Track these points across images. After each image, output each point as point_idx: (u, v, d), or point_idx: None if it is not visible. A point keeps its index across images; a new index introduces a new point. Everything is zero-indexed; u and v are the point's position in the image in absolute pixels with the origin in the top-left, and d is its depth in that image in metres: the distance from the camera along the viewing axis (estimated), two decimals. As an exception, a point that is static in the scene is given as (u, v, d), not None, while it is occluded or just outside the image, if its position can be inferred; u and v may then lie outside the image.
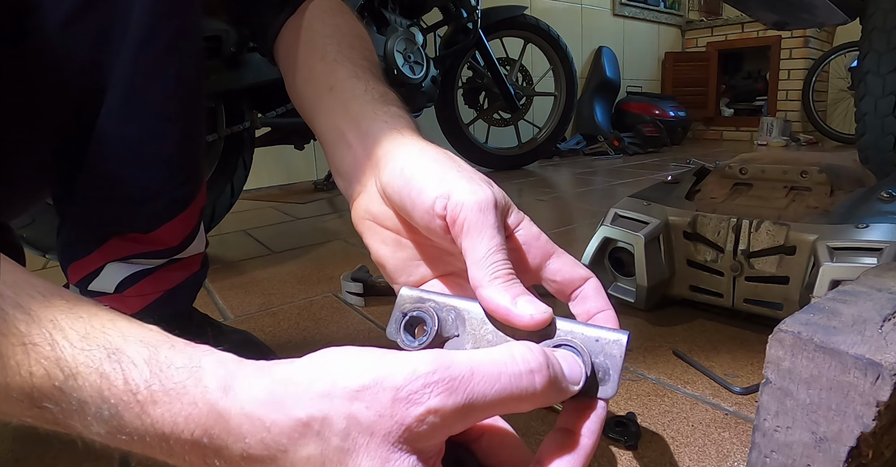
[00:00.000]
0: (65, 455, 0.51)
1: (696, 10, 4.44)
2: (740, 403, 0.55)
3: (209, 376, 0.22)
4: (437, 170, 0.32)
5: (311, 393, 0.21)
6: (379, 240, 0.36)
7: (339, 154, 0.39)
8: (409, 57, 1.77)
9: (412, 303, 0.30)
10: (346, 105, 0.40)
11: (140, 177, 0.50)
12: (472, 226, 0.29)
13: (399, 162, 0.33)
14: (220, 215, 1.34)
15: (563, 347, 0.27)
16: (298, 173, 2.43)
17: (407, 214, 0.32)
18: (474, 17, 2.11)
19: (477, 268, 0.28)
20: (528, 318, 0.27)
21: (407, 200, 0.32)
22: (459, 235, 0.29)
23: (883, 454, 0.30)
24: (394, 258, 0.35)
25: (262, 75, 1.30)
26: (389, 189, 0.33)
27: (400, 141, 0.35)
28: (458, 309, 0.30)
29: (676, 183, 0.87)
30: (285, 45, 0.48)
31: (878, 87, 1.34)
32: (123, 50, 0.45)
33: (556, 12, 3.41)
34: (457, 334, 0.29)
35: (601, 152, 3.11)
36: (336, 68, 0.42)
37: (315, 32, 0.45)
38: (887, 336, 0.30)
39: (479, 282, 0.28)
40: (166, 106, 0.49)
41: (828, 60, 3.64)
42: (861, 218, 0.64)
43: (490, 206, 0.29)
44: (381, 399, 0.21)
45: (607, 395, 0.27)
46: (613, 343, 0.27)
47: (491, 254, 0.28)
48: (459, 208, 0.29)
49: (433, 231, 0.31)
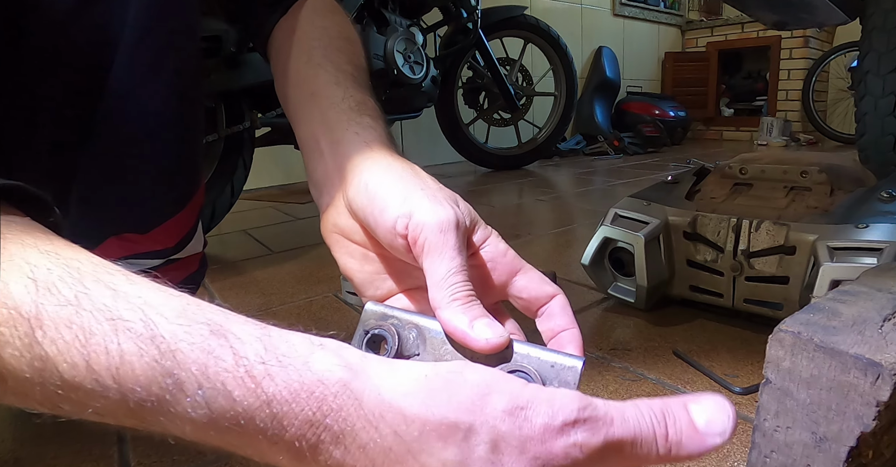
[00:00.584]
0: (65, 455, 0.51)
1: (696, 10, 4.44)
2: (740, 403, 0.55)
3: (334, 356, 0.21)
4: (400, 189, 0.31)
5: (462, 399, 0.21)
6: (346, 254, 0.36)
7: (312, 163, 0.39)
8: (409, 57, 1.77)
9: (375, 320, 0.30)
10: (323, 113, 0.40)
11: (137, 176, 0.50)
12: (432, 247, 0.29)
13: (364, 177, 0.33)
14: (220, 215, 1.34)
15: (517, 373, 0.27)
16: (298, 173, 2.42)
17: (371, 231, 0.33)
18: (474, 17, 2.11)
19: (436, 289, 0.28)
20: (484, 343, 0.27)
21: (370, 218, 0.32)
22: (420, 255, 0.29)
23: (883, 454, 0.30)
24: (361, 271, 0.36)
25: (262, 75, 1.30)
26: (354, 204, 0.33)
27: (367, 155, 0.35)
28: (420, 327, 0.30)
29: (676, 183, 0.87)
30: (276, 45, 0.48)
31: (878, 87, 1.34)
32: (120, 49, 0.45)
33: (556, 12, 3.41)
34: (417, 353, 0.29)
35: (601, 152, 3.11)
36: (319, 73, 0.42)
37: (304, 34, 0.45)
38: (887, 336, 0.30)
39: (438, 303, 0.28)
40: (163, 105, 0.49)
41: (828, 60, 3.64)
42: (861, 218, 0.64)
43: (451, 227, 0.29)
44: (534, 422, 0.21)
45: None
46: (568, 369, 0.27)
47: (450, 276, 0.28)
48: (420, 229, 0.29)
49: (396, 249, 0.31)
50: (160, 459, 0.49)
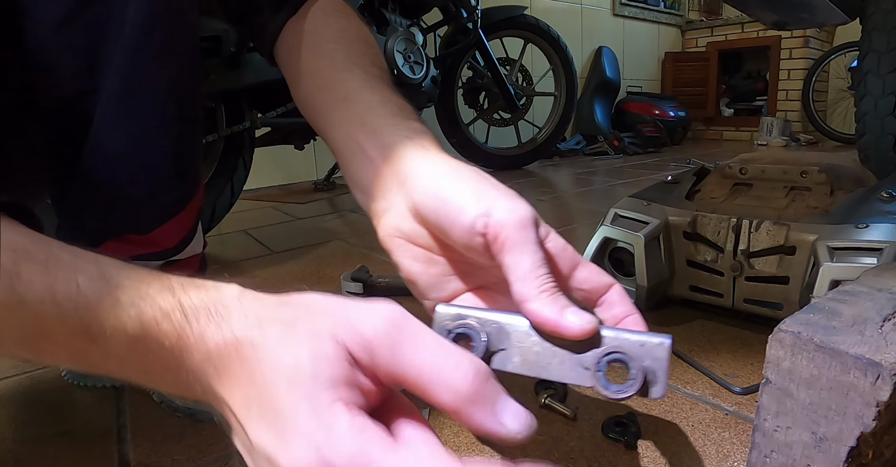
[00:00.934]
0: (65, 455, 0.51)
1: (696, 10, 4.44)
2: (740, 403, 0.55)
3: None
4: (472, 189, 0.32)
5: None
6: (410, 258, 0.36)
7: (357, 167, 0.39)
8: (409, 57, 1.77)
9: (452, 320, 0.31)
10: (362, 117, 0.39)
11: (136, 178, 0.50)
12: (514, 243, 0.30)
13: (432, 181, 0.33)
14: (220, 215, 1.34)
15: (612, 355, 0.28)
16: (298, 173, 2.42)
17: (443, 233, 0.33)
18: (474, 17, 2.11)
19: (522, 283, 0.29)
20: (578, 329, 0.28)
21: (444, 220, 0.32)
22: (501, 252, 0.30)
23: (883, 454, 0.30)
24: (426, 274, 0.36)
25: (262, 75, 1.30)
26: (424, 208, 0.33)
27: (427, 158, 0.35)
28: (500, 323, 0.30)
29: (676, 183, 0.87)
30: (287, 47, 0.47)
31: (878, 87, 1.34)
32: (118, 50, 0.45)
33: (556, 12, 3.41)
34: (503, 348, 0.30)
35: (601, 152, 3.11)
36: (348, 77, 0.42)
37: (320, 37, 0.45)
38: (887, 336, 0.30)
39: (526, 296, 0.29)
40: (162, 106, 0.49)
41: (828, 60, 3.64)
42: (861, 218, 0.64)
43: (530, 222, 0.30)
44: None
45: (657, 396, 0.28)
46: (657, 346, 0.28)
47: (535, 269, 0.29)
48: (501, 226, 0.30)
49: (472, 248, 0.32)
50: (160, 459, 0.49)
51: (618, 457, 0.47)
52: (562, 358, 0.29)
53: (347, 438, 0.22)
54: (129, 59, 0.45)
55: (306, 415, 0.22)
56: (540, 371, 0.30)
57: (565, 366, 0.29)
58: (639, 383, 0.27)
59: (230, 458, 0.49)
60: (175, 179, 0.52)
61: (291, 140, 1.73)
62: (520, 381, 0.59)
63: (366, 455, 0.22)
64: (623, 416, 0.51)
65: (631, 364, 0.28)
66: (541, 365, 0.30)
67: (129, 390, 0.62)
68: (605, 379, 0.28)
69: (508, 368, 0.30)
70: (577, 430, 0.51)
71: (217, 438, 0.52)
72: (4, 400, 0.63)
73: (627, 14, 3.92)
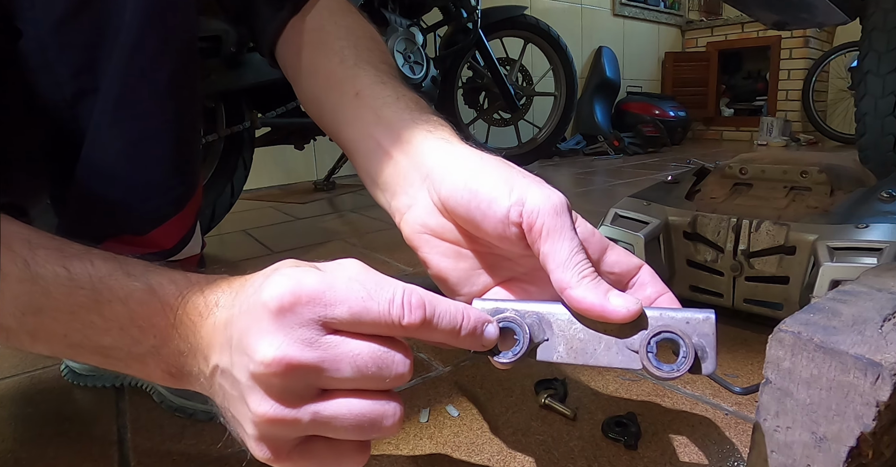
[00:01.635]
0: (65, 455, 0.51)
1: (696, 10, 4.44)
2: (740, 403, 0.55)
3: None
4: (502, 179, 0.32)
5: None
6: (438, 253, 0.35)
7: (374, 164, 0.38)
8: (409, 57, 1.77)
9: (491, 315, 0.30)
10: (377, 112, 0.39)
11: (133, 178, 0.50)
12: (551, 230, 0.30)
13: (459, 173, 0.33)
14: (220, 215, 1.34)
15: (661, 335, 0.28)
16: (298, 173, 2.42)
17: (475, 225, 0.32)
18: (474, 17, 2.11)
19: (562, 270, 0.29)
20: (625, 312, 0.28)
21: (476, 212, 0.32)
22: (537, 240, 0.30)
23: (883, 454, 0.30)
24: (455, 269, 0.35)
25: (262, 75, 1.30)
26: (453, 201, 0.33)
27: (451, 150, 0.35)
28: (540, 313, 0.30)
29: (676, 183, 0.87)
30: (290, 46, 0.47)
31: (878, 87, 1.34)
32: (116, 50, 0.45)
33: (556, 12, 3.41)
34: (546, 338, 0.30)
35: (601, 152, 3.11)
36: (358, 73, 0.41)
37: (327, 34, 0.45)
38: (887, 336, 0.30)
39: (567, 283, 0.29)
40: (160, 106, 0.48)
41: (828, 60, 3.64)
42: (861, 218, 0.64)
43: (564, 209, 0.30)
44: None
45: (709, 371, 0.28)
46: (704, 321, 0.28)
47: (574, 255, 0.29)
48: (536, 214, 0.30)
49: (506, 239, 0.31)
50: (160, 459, 0.49)
51: (618, 457, 0.47)
52: (607, 344, 0.29)
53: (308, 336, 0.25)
54: (126, 59, 0.45)
55: (274, 325, 0.25)
56: (587, 358, 0.30)
57: (612, 351, 0.29)
58: (691, 360, 0.27)
59: (230, 458, 0.49)
60: (173, 180, 0.52)
61: (291, 140, 1.73)
62: (519, 381, 0.60)
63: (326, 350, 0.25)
64: (623, 416, 0.51)
65: (681, 342, 0.28)
66: (587, 353, 0.30)
67: (129, 390, 0.62)
68: (656, 359, 0.28)
69: (554, 358, 0.30)
70: (577, 430, 0.51)
71: (217, 438, 0.52)
72: (4, 400, 0.63)
73: (627, 14, 3.92)
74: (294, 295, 0.25)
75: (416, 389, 0.60)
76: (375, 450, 0.49)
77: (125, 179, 0.49)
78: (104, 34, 0.44)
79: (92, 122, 0.46)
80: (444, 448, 0.49)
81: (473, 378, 0.62)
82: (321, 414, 0.26)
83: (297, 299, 0.25)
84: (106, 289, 0.28)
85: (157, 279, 0.29)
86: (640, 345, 0.28)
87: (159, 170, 0.51)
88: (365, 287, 0.26)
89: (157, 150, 0.50)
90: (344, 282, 0.26)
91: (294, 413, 0.26)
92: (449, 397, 0.58)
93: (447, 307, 0.28)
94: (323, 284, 0.26)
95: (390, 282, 0.27)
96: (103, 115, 0.46)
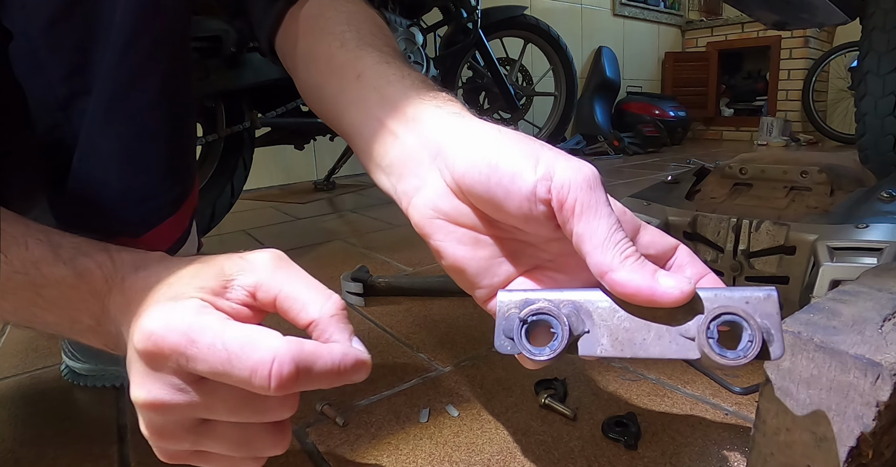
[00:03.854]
0: (65, 455, 0.51)
1: (696, 10, 4.44)
2: (740, 403, 0.55)
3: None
4: (525, 152, 0.28)
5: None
6: (454, 241, 0.31)
7: (378, 146, 0.35)
8: (409, 57, 1.77)
9: (520, 308, 0.27)
10: (381, 92, 0.36)
11: (127, 180, 0.49)
12: (585, 206, 0.26)
13: (475, 148, 0.29)
14: (220, 215, 1.34)
15: (722, 317, 0.25)
16: (298, 173, 2.42)
17: (496, 206, 0.29)
18: (474, 17, 2.11)
19: (601, 251, 0.26)
20: (679, 293, 0.25)
21: (497, 189, 0.28)
22: (570, 219, 0.26)
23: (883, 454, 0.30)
24: (474, 258, 0.31)
25: (262, 75, 1.30)
26: (470, 179, 0.29)
27: (465, 125, 0.31)
28: (576, 301, 0.27)
29: (676, 183, 0.87)
30: (289, 35, 0.45)
31: (878, 87, 1.34)
32: (108, 50, 0.44)
33: (556, 12, 3.41)
34: (587, 330, 0.27)
35: (601, 152, 3.11)
36: (361, 55, 0.39)
37: (329, 20, 0.43)
38: (887, 336, 0.30)
39: (609, 265, 0.25)
40: (154, 107, 0.48)
41: (828, 60, 3.64)
42: (861, 218, 0.64)
43: (598, 182, 0.27)
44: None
45: (777, 356, 0.25)
46: (766, 300, 0.25)
47: (613, 234, 0.26)
48: (567, 189, 0.26)
49: (533, 219, 0.28)
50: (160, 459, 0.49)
51: (618, 457, 0.47)
52: (658, 332, 0.26)
53: (190, 309, 0.26)
54: (118, 60, 0.44)
55: (144, 369, 0.26)
56: (636, 350, 0.26)
57: (664, 340, 0.26)
58: (759, 343, 0.24)
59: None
60: (168, 181, 0.51)
61: (291, 140, 1.73)
62: (519, 381, 0.60)
63: (202, 322, 0.26)
64: (623, 416, 0.51)
65: (745, 324, 0.24)
66: (636, 344, 0.26)
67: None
68: (718, 345, 0.24)
69: (599, 353, 0.26)
70: (577, 430, 0.51)
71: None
72: (4, 400, 0.63)
73: (627, 14, 3.92)
74: (157, 346, 0.25)
75: (416, 389, 0.60)
76: (375, 450, 0.49)
77: (119, 181, 0.49)
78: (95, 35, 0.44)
79: (84, 124, 0.46)
80: (444, 448, 0.49)
81: (473, 378, 0.62)
82: (200, 442, 0.28)
83: (159, 350, 0.25)
84: (39, 276, 0.30)
85: (85, 264, 0.30)
86: (699, 330, 0.25)
87: (153, 171, 0.50)
88: (227, 348, 0.25)
89: (150, 152, 0.49)
90: (209, 337, 0.25)
91: (175, 440, 0.28)
92: (449, 397, 0.58)
93: (324, 362, 0.26)
94: (184, 337, 0.25)
95: (262, 341, 0.25)
96: (96, 116, 0.46)
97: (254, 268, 0.29)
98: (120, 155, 0.48)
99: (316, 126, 1.60)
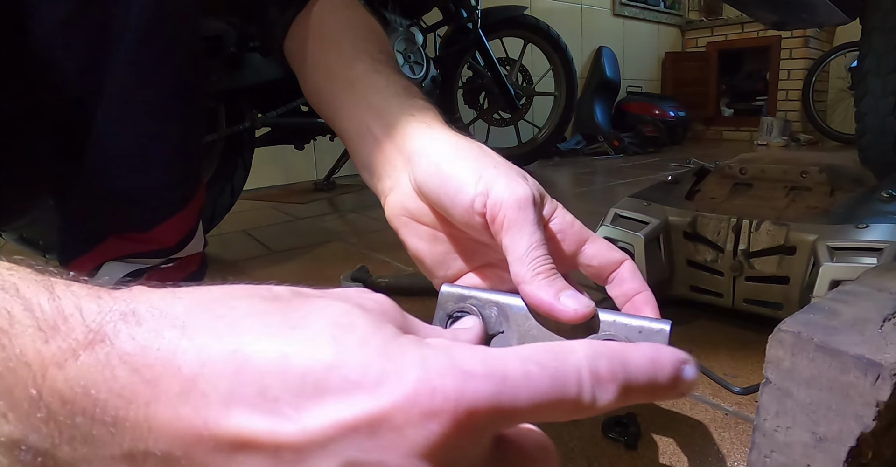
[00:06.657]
0: (65, 455, 0.51)
1: (696, 10, 4.44)
2: (740, 403, 0.55)
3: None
4: (473, 167, 0.32)
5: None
6: (415, 236, 0.36)
7: (365, 149, 0.39)
8: (409, 57, 1.77)
9: (454, 302, 0.31)
10: (368, 99, 0.40)
11: (137, 176, 0.50)
12: (511, 223, 0.29)
13: (433, 158, 0.33)
14: (220, 215, 1.34)
15: (608, 341, 0.27)
16: (298, 173, 2.42)
17: (445, 211, 0.33)
18: (474, 17, 2.11)
19: (518, 264, 0.29)
20: (573, 313, 0.27)
21: (445, 198, 0.32)
22: (500, 232, 0.30)
23: (883, 454, 0.30)
24: (431, 253, 0.36)
25: (262, 75, 1.30)
26: (426, 187, 0.33)
27: (431, 135, 0.35)
28: (501, 304, 0.30)
29: (676, 183, 0.87)
30: (296, 42, 0.48)
31: (878, 87, 1.34)
32: (121, 50, 0.45)
33: (556, 12, 3.41)
34: (501, 331, 0.30)
35: (601, 152, 3.11)
36: (354, 63, 0.42)
37: (328, 28, 0.46)
38: (887, 336, 0.30)
39: (522, 278, 0.29)
40: (164, 106, 0.49)
41: (828, 60, 3.64)
42: (861, 218, 0.64)
43: (528, 203, 0.30)
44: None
45: None
46: (657, 333, 0.27)
47: (532, 250, 0.29)
48: (499, 206, 0.30)
49: (472, 227, 0.32)
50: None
51: (618, 457, 0.47)
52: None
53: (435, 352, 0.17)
54: (131, 58, 0.45)
55: (371, 354, 0.17)
56: None
57: None
58: None
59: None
60: (177, 177, 0.52)
61: (291, 140, 1.73)
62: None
63: (454, 356, 0.17)
64: (623, 416, 0.51)
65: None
66: None
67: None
68: None
69: None
70: (577, 430, 0.51)
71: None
72: None
73: (627, 14, 3.92)
74: (469, 410, 0.16)
75: (416, 389, 0.60)
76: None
77: (130, 176, 0.50)
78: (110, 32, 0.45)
79: (98, 120, 0.47)
80: (444, 448, 0.49)
81: (473, 378, 0.62)
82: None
83: (472, 414, 0.16)
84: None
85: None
86: None
87: (164, 167, 0.51)
88: (543, 366, 0.17)
89: (162, 148, 0.50)
90: (513, 363, 0.17)
91: None
92: (449, 397, 0.58)
93: (638, 362, 0.19)
94: (490, 380, 0.17)
95: (563, 347, 0.19)
96: (109, 112, 0.47)
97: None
98: (132, 150, 0.49)
99: (316, 126, 1.60)
